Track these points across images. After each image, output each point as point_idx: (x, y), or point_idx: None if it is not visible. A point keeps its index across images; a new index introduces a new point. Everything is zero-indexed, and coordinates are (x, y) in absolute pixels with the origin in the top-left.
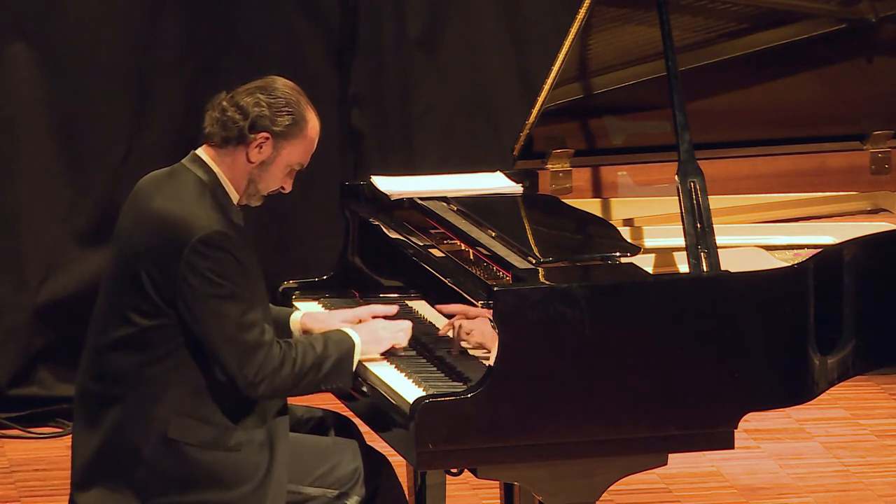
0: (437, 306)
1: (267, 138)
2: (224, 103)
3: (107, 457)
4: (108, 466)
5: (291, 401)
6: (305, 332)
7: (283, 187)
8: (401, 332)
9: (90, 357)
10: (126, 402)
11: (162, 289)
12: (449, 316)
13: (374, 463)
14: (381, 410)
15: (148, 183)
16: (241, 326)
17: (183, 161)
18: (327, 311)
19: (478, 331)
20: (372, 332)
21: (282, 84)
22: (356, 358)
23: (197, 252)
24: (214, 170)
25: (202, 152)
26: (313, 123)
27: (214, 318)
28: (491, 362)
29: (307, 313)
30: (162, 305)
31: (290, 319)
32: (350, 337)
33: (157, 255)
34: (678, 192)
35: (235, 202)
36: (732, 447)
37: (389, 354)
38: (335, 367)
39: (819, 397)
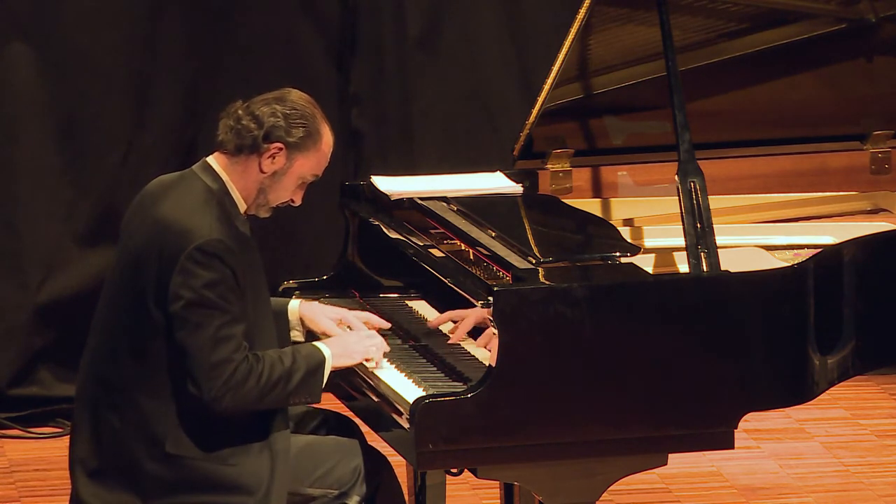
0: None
1: (280, 149)
2: (239, 112)
3: (107, 463)
4: (107, 471)
5: None
6: (303, 319)
7: (292, 200)
8: (372, 347)
9: (91, 360)
10: (124, 413)
11: (160, 298)
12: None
13: (374, 462)
14: (381, 410)
15: (156, 187)
16: (216, 340)
17: (193, 167)
18: (322, 304)
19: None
20: (343, 346)
21: (298, 96)
22: (326, 372)
23: (192, 259)
24: (223, 178)
25: (213, 160)
26: (327, 138)
27: (192, 327)
28: (491, 362)
29: (304, 303)
30: (156, 313)
31: (287, 308)
32: (320, 351)
33: (156, 261)
34: (678, 192)
35: (242, 211)
36: (732, 447)
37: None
38: (303, 380)
39: (819, 397)
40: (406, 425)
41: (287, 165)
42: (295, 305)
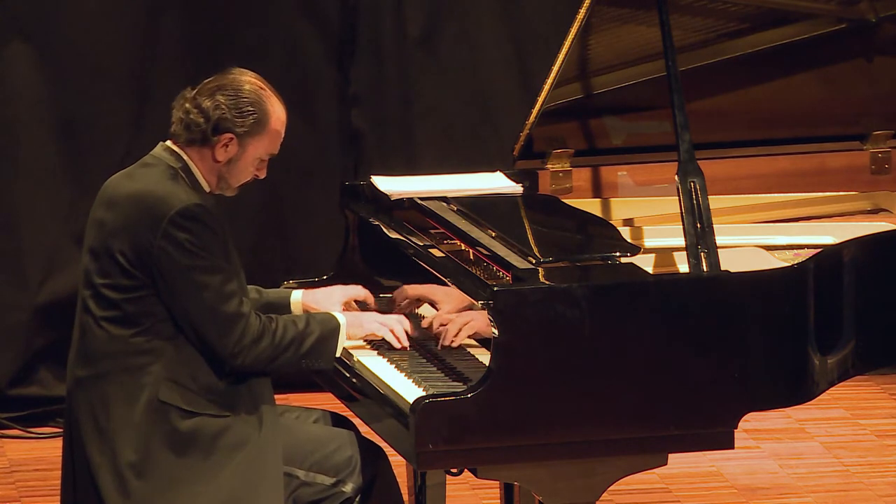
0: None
1: (231, 139)
2: (187, 105)
3: (100, 424)
4: (101, 433)
5: (289, 401)
6: (306, 310)
7: (256, 175)
8: (380, 324)
9: (76, 348)
10: (114, 375)
11: (140, 262)
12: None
13: (370, 453)
14: (382, 410)
15: (115, 178)
16: (221, 297)
17: (152, 152)
18: (327, 287)
19: (465, 323)
20: (356, 316)
21: (242, 80)
22: (341, 339)
23: (176, 224)
24: (185, 158)
25: (171, 144)
26: (277, 115)
27: (195, 289)
28: (491, 362)
29: (306, 291)
30: (142, 277)
31: (290, 300)
32: (335, 318)
33: (134, 231)
34: (678, 192)
35: (207, 191)
36: (732, 447)
37: (380, 348)
38: (317, 344)
39: (819, 397)
40: (406, 425)
41: (240, 152)
42: (298, 296)
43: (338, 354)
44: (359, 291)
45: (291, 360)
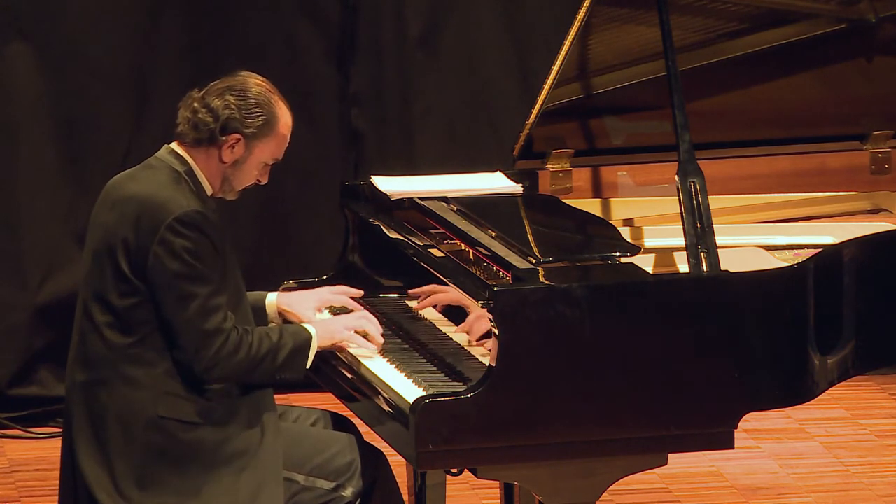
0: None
1: (238, 139)
2: (195, 104)
3: (98, 437)
4: (100, 446)
5: (290, 401)
6: (281, 312)
7: (258, 180)
8: (348, 332)
9: (75, 352)
10: (113, 384)
11: (137, 267)
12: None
13: (371, 456)
14: (382, 410)
15: (119, 178)
16: (205, 310)
17: (156, 154)
18: (302, 291)
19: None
20: (325, 327)
21: (251, 83)
22: (312, 351)
23: (173, 230)
24: (189, 162)
25: (176, 146)
26: (285, 119)
27: (180, 300)
28: (491, 362)
29: (281, 294)
30: (138, 284)
31: (265, 302)
32: (306, 330)
33: (134, 234)
34: (678, 192)
35: (210, 195)
36: (732, 447)
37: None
38: (290, 356)
39: (819, 397)
40: (406, 425)
41: (246, 154)
42: (273, 298)
43: (308, 366)
44: (336, 299)
45: (266, 373)
